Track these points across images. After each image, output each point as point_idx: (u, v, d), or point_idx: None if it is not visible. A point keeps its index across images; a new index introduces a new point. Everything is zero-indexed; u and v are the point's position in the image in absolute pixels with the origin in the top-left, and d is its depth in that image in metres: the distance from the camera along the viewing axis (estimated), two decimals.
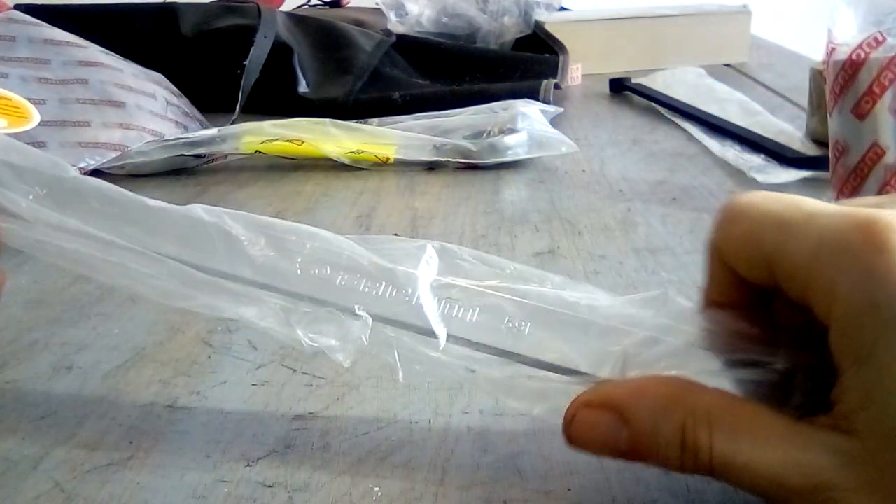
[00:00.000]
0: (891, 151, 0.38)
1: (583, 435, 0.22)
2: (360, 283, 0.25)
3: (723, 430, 0.20)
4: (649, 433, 0.20)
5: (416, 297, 0.24)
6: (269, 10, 0.78)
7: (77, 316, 0.36)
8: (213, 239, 0.26)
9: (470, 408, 0.28)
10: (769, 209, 0.20)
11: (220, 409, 0.29)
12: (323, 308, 0.25)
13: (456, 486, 0.24)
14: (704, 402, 0.20)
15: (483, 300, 0.24)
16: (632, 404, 0.21)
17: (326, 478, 0.25)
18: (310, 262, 0.25)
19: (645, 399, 0.21)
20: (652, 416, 0.20)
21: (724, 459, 0.19)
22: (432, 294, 0.25)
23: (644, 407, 0.21)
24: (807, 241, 0.19)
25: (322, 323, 0.25)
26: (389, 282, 0.25)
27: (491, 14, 0.91)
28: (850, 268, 0.18)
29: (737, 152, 0.55)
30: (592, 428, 0.21)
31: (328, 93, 0.73)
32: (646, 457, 0.21)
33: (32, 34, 0.60)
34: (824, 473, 0.18)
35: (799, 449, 0.19)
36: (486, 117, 0.59)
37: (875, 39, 0.37)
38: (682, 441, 0.20)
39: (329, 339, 0.25)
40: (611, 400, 0.21)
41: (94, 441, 0.27)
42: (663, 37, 0.89)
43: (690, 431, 0.20)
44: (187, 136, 0.57)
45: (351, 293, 0.25)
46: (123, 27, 0.77)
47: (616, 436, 0.21)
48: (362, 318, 0.24)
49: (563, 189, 0.51)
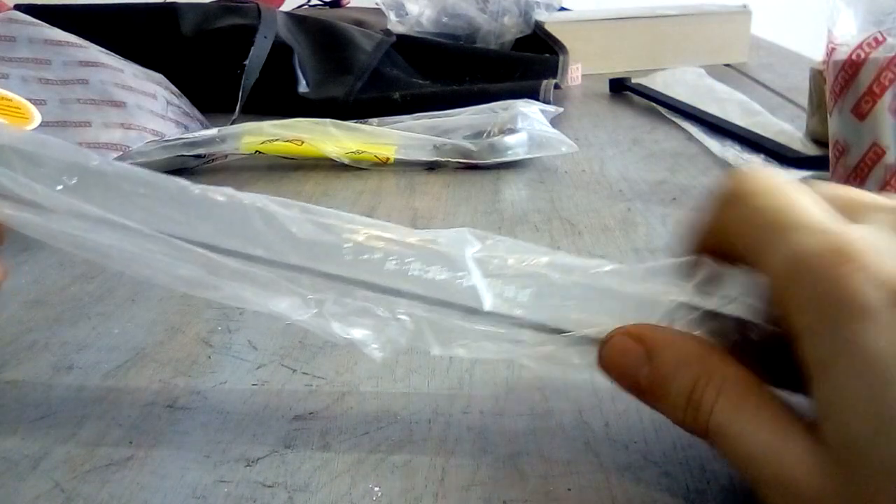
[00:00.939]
0: (891, 151, 0.38)
1: (612, 358, 0.23)
2: (409, 264, 0.25)
3: (728, 397, 0.21)
4: (666, 377, 0.22)
5: (466, 278, 0.24)
6: (269, 10, 0.78)
7: (77, 316, 0.36)
8: (255, 220, 0.25)
9: (470, 408, 0.28)
10: (765, 205, 0.21)
11: (220, 409, 0.29)
12: (370, 293, 0.25)
13: (456, 486, 0.24)
14: (722, 370, 0.22)
15: (527, 277, 0.25)
16: (661, 346, 0.22)
17: (326, 478, 0.25)
18: (359, 245, 0.25)
19: (673, 347, 0.22)
20: (673, 363, 0.22)
21: (720, 423, 0.21)
22: (479, 269, 0.25)
23: (670, 353, 0.22)
24: (784, 255, 0.20)
25: (356, 315, 0.25)
26: (439, 262, 0.25)
27: (491, 14, 0.91)
28: (817, 288, 0.19)
29: (737, 152, 0.55)
30: (622, 354, 0.23)
31: (328, 93, 0.73)
32: (656, 399, 0.22)
33: (33, 34, 0.60)
34: (796, 471, 0.19)
35: (783, 441, 0.20)
36: (486, 117, 0.59)
37: (875, 39, 0.37)
38: (690, 394, 0.21)
39: (363, 331, 0.25)
40: (644, 336, 0.23)
41: (94, 441, 0.27)
42: (663, 37, 0.89)
43: (700, 388, 0.21)
44: (187, 137, 0.57)
45: (399, 276, 0.25)
46: (123, 27, 0.77)
47: (638, 369, 0.23)
48: (404, 315, 0.24)
49: (563, 189, 0.51)
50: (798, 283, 0.20)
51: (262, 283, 0.25)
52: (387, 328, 0.25)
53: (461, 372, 0.30)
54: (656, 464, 0.25)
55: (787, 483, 0.19)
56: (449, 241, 0.25)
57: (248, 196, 0.26)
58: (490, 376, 0.30)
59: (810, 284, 0.19)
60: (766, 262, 0.21)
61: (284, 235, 0.25)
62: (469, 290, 0.24)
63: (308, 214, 0.26)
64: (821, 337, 0.19)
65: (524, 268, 0.25)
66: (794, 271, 0.20)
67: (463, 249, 0.25)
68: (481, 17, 0.91)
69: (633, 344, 0.23)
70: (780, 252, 0.20)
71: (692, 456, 0.25)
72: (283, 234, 0.25)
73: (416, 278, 0.25)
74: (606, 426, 0.27)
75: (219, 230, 0.26)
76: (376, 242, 0.25)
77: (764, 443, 0.20)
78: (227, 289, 0.25)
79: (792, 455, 0.19)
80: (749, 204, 0.22)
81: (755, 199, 0.22)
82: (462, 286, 0.24)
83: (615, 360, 0.23)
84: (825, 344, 0.19)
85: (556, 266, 0.25)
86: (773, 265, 0.20)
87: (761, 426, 0.20)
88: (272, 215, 0.25)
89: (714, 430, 0.21)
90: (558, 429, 0.27)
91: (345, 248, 0.25)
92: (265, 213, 0.26)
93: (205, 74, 0.72)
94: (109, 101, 0.58)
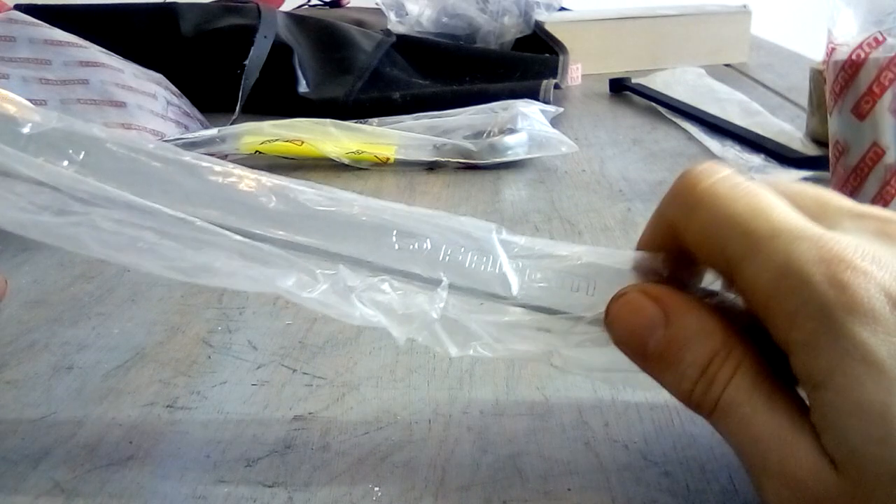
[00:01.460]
0: (891, 151, 0.38)
1: (623, 316, 0.22)
2: (439, 250, 0.24)
3: (745, 377, 0.20)
4: (681, 344, 0.21)
5: (497, 263, 0.23)
6: (269, 10, 0.78)
7: (77, 316, 0.36)
8: (274, 200, 0.24)
9: (470, 408, 0.28)
10: (733, 211, 0.20)
11: (220, 409, 0.29)
12: (405, 278, 0.24)
13: (456, 486, 0.24)
14: (743, 349, 0.20)
15: (551, 263, 0.24)
16: (682, 311, 0.21)
17: (326, 478, 0.25)
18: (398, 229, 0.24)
19: (696, 314, 0.21)
20: (693, 330, 0.21)
21: (731, 402, 0.20)
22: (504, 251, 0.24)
23: (691, 319, 0.21)
24: (770, 264, 0.19)
25: (376, 292, 0.23)
26: (470, 247, 0.24)
27: (491, 14, 0.91)
28: (811, 301, 0.18)
29: (737, 152, 0.55)
30: (635, 312, 0.21)
31: (328, 93, 0.73)
32: (664, 366, 0.21)
33: (33, 35, 0.60)
34: (801, 471, 0.19)
35: (793, 434, 0.19)
36: (486, 117, 0.59)
37: (875, 39, 0.37)
38: (706, 366, 0.20)
39: (385, 312, 0.23)
40: (663, 297, 0.21)
41: (94, 441, 0.27)
42: (663, 37, 0.89)
43: (719, 361, 0.20)
44: (188, 137, 0.57)
45: (432, 261, 0.23)
46: (123, 27, 0.77)
47: (651, 331, 0.21)
48: (434, 291, 0.23)
49: (563, 189, 0.51)
50: (789, 293, 0.19)
51: (272, 261, 0.23)
52: (415, 302, 0.23)
53: (461, 372, 0.30)
54: (656, 464, 0.25)
55: (790, 476, 0.19)
56: (474, 225, 0.24)
57: (262, 175, 0.24)
58: (490, 376, 0.30)
59: (806, 293, 0.18)
60: (746, 273, 0.20)
61: (302, 212, 0.24)
62: (499, 276, 0.23)
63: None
64: (822, 345, 0.18)
65: (547, 249, 0.24)
66: (784, 281, 0.19)
67: (490, 232, 0.24)
68: (481, 17, 0.91)
69: (649, 303, 0.21)
70: (765, 260, 0.19)
71: (692, 456, 0.25)
72: (300, 209, 0.24)
73: (446, 263, 0.23)
74: (606, 426, 0.27)
75: (234, 210, 0.24)
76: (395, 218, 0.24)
77: (774, 429, 0.19)
78: (240, 275, 0.23)
79: (800, 449, 0.19)
80: (713, 210, 0.21)
81: (719, 203, 0.21)
82: (491, 271, 0.23)
83: (626, 318, 0.22)
84: (827, 352, 0.18)
85: (583, 252, 0.24)
86: (757, 276, 0.19)
87: (773, 412, 0.19)
88: (285, 187, 0.24)
89: (724, 407, 0.20)
90: (558, 429, 0.27)
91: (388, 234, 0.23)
92: (285, 194, 0.24)
93: (205, 74, 0.72)
94: (110, 102, 0.58)
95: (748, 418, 0.20)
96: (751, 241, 0.20)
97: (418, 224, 0.24)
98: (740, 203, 0.20)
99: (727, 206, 0.20)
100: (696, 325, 0.21)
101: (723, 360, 0.20)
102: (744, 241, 0.20)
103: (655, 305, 0.21)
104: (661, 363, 0.21)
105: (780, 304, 0.19)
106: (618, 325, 0.22)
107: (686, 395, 0.21)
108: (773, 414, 0.19)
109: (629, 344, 0.22)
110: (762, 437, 0.19)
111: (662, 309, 0.21)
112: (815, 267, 0.19)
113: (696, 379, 0.20)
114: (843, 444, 0.18)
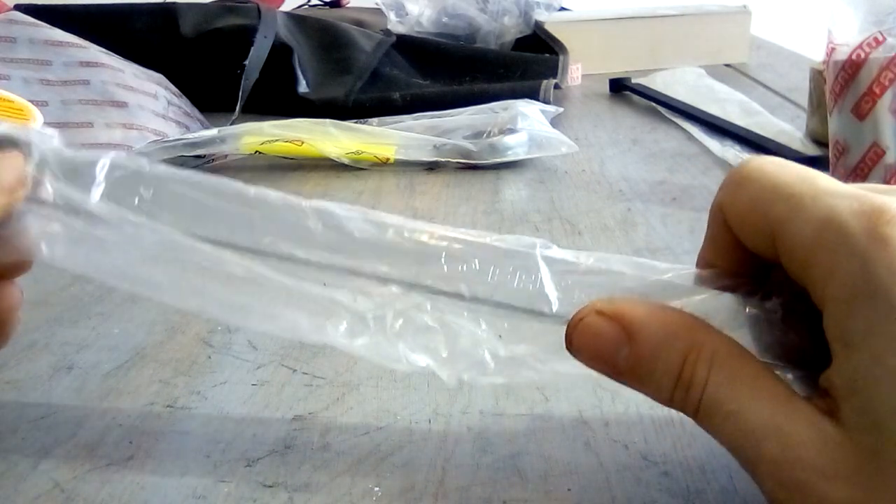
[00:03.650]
0: (891, 151, 0.38)
1: (584, 342, 0.21)
2: (487, 272, 0.23)
3: (722, 372, 0.19)
4: (649, 356, 0.20)
5: (539, 281, 0.23)
6: (269, 10, 0.78)
7: (77, 316, 0.36)
8: (321, 227, 0.24)
9: (470, 408, 0.28)
10: (779, 178, 0.20)
11: (220, 409, 0.29)
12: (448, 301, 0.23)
13: (456, 486, 0.24)
14: (712, 342, 0.20)
15: (597, 279, 0.23)
16: (642, 324, 0.20)
17: (326, 478, 0.25)
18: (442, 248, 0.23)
19: (655, 322, 0.20)
20: (657, 340, 0.20)
21: (714, 401, 0.19)
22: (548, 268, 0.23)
23: (653, 329, 0.20)
24: (812, 220, 0.19)
25: (422, 334, 0.23)
26: (517, 266, 0.23)
27: (491, 14, 0.91)
28: (852, 254, 0.18)
29: (737, 152, 0.55)
30: (596, 336, 0.21)
31: (328, 93, 0.73)
32: (638, 381, 0.21)
33: (33, 35, 0.60)
34: (802, 451, 0.18)
35: (786, 417, 0.19)
36: (486, 117, 0.59)
37: (875, 39, 0.37)
38: (680, 372, 0.20)
39: (432, 354, 0.23)
40: (622, 314, 0.21)
41: (94, 441, 0.27)
42: (663, 37, 0.89)
43: (690, 364, 0.20)
44: (188, 137, 0.57)
45: (475, 281, 0.23)
46: (123, 27, 0.77)
47: (616, 351, 0.20)
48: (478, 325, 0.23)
49: (563, 189, 0.51)
50: (829, 246, 0.18)
51: (319, 305, 0.23)
52: (459, 357, 0.23)
53: None
54: (656, 464, 0.25)
55: (792, 461, 0.18)
56: (515, 242, 0.24)
57: (300, 199, 0.25)
58: None
59: (846, 247, 0.18)
60: (790, 231, 0.19)
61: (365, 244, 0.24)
62: (542, 294, 0.23)
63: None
64: (860, 303, 0.17)
65: (593, 265, 0.23)
66: (826, 236, 0.18)
67: (533, 248, 0.24)
68: (481, 17, 0.91)
69: (607, 324, 0.21)
70: (807, 217, 0.19)
71: (692, 456, 0.25)
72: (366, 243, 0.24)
73: (493, 283, 0.23)
74: (606, 426, 0.27)
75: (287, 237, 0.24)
76: (440, 242, 0.24)
77: (765, 418, 0.19)
78: (283, 318, 0.23)
79: (798, 432, 0.18)
80: (761, 181, 0.20)
81: (767, 176, 0.20)
82: (536, 289, 0.23)
83: (588, 344, 0.21)
84: (865, 310, 0.17)
85: (627, 264, 0.23)
86: (800, 231, 0.19)
87: (760, 401, 0.19)
88: (330, 212, 0.24)
89: (707, 408, 0.19)
90: (558, 429, 0.27)
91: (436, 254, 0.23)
92: (320, 211, 0.24)
93: (205, 74, 0.72)
94: (111, 102, 0.58)
95: (734, 415, 0.19)
96: (795, 201, 0.19)
97: (465, 246, 0.24)
98: (788, 172, 0.20)
99: (775, 176, 0.20)
100: (660, 332, 0.20)
101: (695, 361, 0.20)
102: (789, 202, 0.19)
103: (614, 324, 0.21)
104: (636, 377, 0.21)
105: (818, 259, 0.18)
106: (581, 351, 0.21)
107: (667, 402, 0.21)
108: (761, 403, 0.19)
109: (599, 367, 0.21)
110: (753, 429, 0.19)
111: (622, 326, 0.20)
112: (855, 220, 0.18)
113: (672, 388, 0.20)
114: (869, 413, 0.17)
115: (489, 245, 0.24)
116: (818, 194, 0.19)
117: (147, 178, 0.24)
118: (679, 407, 0.20)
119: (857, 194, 0.19)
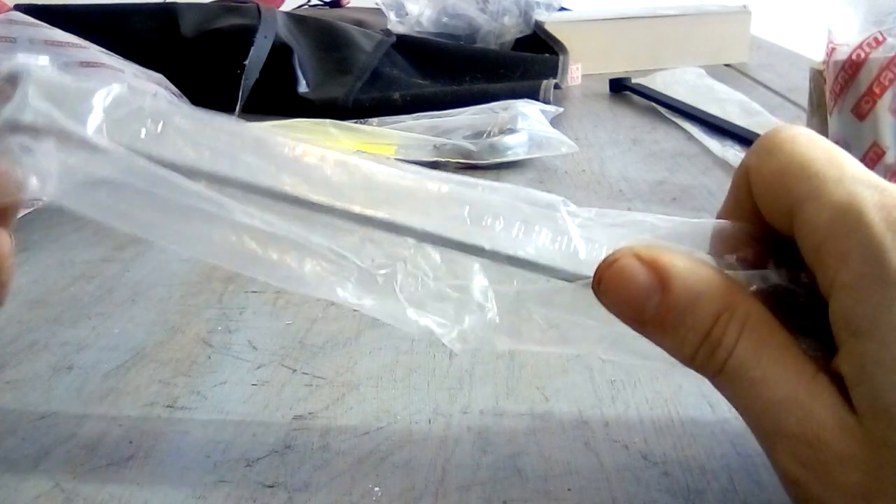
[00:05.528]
0: (891, 151, 0.38)
1: (615, 284, 0.20)
2: (512, 227, 0.22)
3: (752, 337, 0.19)
4: (681, 310, 0.20)
5: (567, 238, 0.22)
6: (269, 10, 0.78)
7: (77, 316, 0.36)
8: (338, 173, 0.23)
9: (470, 408, 0.28)
10: (808, 154, 0.20)
11: (220, 409, 0.29)
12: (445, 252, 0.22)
13: (456, 486, 0.24)
14: (747, 305, 0.20)
15: (625, 233, 0.23)
16: (679, 275, 0.20)
17: (326, 478, 0.25)
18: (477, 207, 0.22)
19: (693, 276, 0.20)
20: (692, 295, 0.20)
21: (739, 365, 0.19)
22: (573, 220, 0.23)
23: (689, 283, 0.20)
24: (832, 205, 0.19)
25: (434, 300, 0.23)
26: (543, 223, 0.22)
27: (491, 14, 0.92)
28: (867, 243, 0.18)
29: (737, 152, 0.55)
30: (628, 280, 0.20)
31: (328, 93, 0.73)
32: (662, 332, 0.20)
33: (33, 35, 0.59)
34: (822, 431, 0.18)
35: (809, 394, 0.18)
36: (486, 117, 0.59)
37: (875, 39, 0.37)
38: (710, 330, 0.19)
39: (439, 320, 0.23)
40: (660, 262, 0.20)
41: (94, 441, 0.27)
42: (663, 37, 0.89)
43: (722, 324, 0.19)
44: None
45: (505, 237, 0.22)
46: (123, 27, 0.77)
47: (646, 299, 0.20)
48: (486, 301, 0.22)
49: (563, 189, 0.51)
50: (845, 232, 0.18)
51: (326, 260, 0.22)
52: (466, 317, 0.23)
53: (461, 372, 0.30)
54: (656, 464, 0.25)
55: (811, 439, 0.18)
56: (543, 200, 0.23)
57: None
58: (490, 376, 0.30)
59: (862, 236, 0.18)
60: (808, 211, 0.19)
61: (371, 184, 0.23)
62: (569, 252, 0.22)
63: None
64: (870, 290, 0.17)
65: (620, 218, 0.23)
66: (842, 220, 0.18)
67: (558, 206, 0.23)
68: (481, 17, 0.91)
69: (642, 269, 0.20)
70: (828, 201, 0.19)
71: (692, 456, 0.25)
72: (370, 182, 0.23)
73: (519, 240, 0.22)
74: (606, 426, 0.27)
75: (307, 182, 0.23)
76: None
77: (788, 391, 0.18)
78: (290, 271, 0.22)
79: (818, 411, 0.18)
80: (790, 153, 0.20)
81: (797, 149, 0.20)
82: (563, 248, 0.22)
83: (617, 286, 0.20)
84: (875, 297, 0.17)
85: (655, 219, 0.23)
86: (818, 213, 0.19)
87: (786, 373, 0.19)
88: (349, 161, 0.23)
89: (732, 371, 0.19)
90: (558, 429, 0.27)
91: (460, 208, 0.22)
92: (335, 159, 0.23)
93: (205, 74, 0.72)
94: None
95: (758, 382, 0.19)
96: (818, 182, 0.19)
97: (490, 197, 0.23)
98: (818, 150, 0.20)
99: (804, 151, 0.20)
100: (696, 288, 0.20)
101: (728, 321, 0.19)
102: (812, 182, 0.19)
103: (650, 272, 0.20)
104: (660, 329, 0.20)
105: (833, 244, 0.18)
106: (609, 293, 0.21)
107: (688, 359, 0.20)
108: (787, 375, 0.19)
109: (623, 313, 0.21)
110: (775, 400, 0.18)
111: (658, 275, 0.20)
112: (875, 211, 0.18)
113: (698, 344, 0.19)
114: (878, 401, 0.17)
115: (517, 196, 0.23)
116: (843, 178, 0.19)
117: (150, 112, 0.23)
118: (699, 366, 0.20)
119: (881, 186, 0.19)
